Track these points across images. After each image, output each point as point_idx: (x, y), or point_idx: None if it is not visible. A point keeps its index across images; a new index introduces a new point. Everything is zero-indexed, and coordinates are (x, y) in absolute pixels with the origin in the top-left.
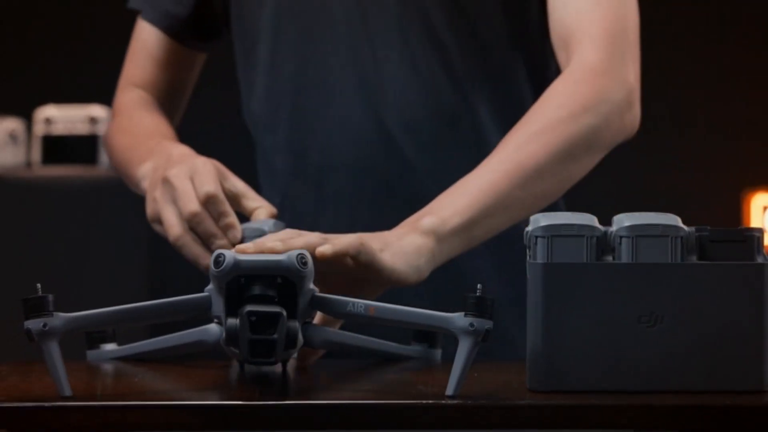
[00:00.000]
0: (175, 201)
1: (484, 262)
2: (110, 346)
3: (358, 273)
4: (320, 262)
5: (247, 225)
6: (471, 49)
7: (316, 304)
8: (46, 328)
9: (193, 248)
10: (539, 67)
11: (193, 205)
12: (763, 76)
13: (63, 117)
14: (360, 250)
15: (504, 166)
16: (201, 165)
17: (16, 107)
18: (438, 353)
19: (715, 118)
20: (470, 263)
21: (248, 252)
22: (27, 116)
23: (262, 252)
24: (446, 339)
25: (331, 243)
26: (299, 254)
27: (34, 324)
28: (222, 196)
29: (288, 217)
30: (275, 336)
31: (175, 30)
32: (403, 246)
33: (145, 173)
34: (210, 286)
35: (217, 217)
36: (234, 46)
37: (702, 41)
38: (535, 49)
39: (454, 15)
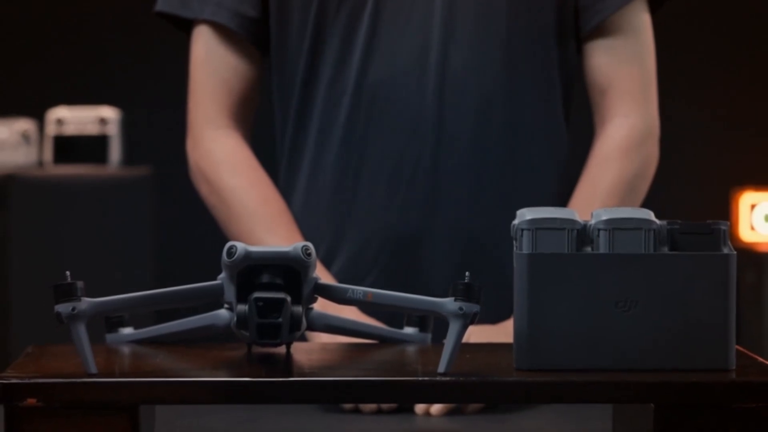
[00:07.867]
0: None
1: (445, 263)
2: (127, 330)
3: None
4: None
5: None
6: (522, 43)
7: (319, 291)
8: (75, 311)
9: None
10: (567, 63)
11: None
12: (754, 74)
13: (74, 118)
14: None
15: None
16: None
17: (29, 108)
18: (428, 337)
19: (704, 117)
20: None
21: None
22: (39, 117)
23: None
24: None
25: None
26: (304, 246)
27: (63, 308)
28: None
29: (338, 209)
30: (280, 319)
31: (250, 31)
32: None
33: None
34: (222, 275)
35: None
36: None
37: (691, 39)
38: (568, 47)
39: (516, 10)
